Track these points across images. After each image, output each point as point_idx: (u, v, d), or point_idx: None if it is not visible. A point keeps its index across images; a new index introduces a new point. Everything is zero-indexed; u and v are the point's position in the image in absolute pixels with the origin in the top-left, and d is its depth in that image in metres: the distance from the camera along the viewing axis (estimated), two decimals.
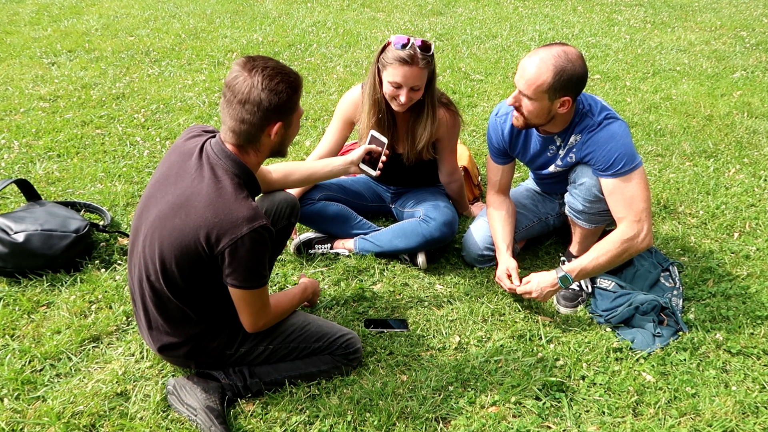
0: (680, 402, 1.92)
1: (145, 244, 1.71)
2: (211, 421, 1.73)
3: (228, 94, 1.60)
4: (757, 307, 2.33)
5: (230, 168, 1.66)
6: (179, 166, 1.70)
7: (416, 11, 6.97)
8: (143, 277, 1.74)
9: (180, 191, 1.65)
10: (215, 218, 1.59)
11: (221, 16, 6.43)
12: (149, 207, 1.73)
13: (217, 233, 1.59)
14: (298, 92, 1.66)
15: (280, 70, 1.61)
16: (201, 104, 4.13)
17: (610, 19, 6.81)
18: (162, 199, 1.69)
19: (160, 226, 1.67)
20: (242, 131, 1.63)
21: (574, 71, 2.00)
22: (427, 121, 2.41)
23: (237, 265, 1.62)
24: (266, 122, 1.63)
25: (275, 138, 1.67)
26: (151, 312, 1.78)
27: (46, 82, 4.44)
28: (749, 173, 3.39)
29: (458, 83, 4.69)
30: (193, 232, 1.61)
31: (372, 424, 1.81)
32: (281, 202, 2.08)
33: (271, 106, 1.59)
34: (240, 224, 1.58)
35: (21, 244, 2.30)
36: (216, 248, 1.60)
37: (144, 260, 1.73)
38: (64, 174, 3.16)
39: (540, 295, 2.20)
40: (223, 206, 1.60)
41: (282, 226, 2.08)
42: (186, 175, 1.67)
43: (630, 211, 2.10)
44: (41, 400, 1.86)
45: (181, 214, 1.63)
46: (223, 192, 1.62)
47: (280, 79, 1.59)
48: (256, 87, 1.57)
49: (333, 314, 2.27)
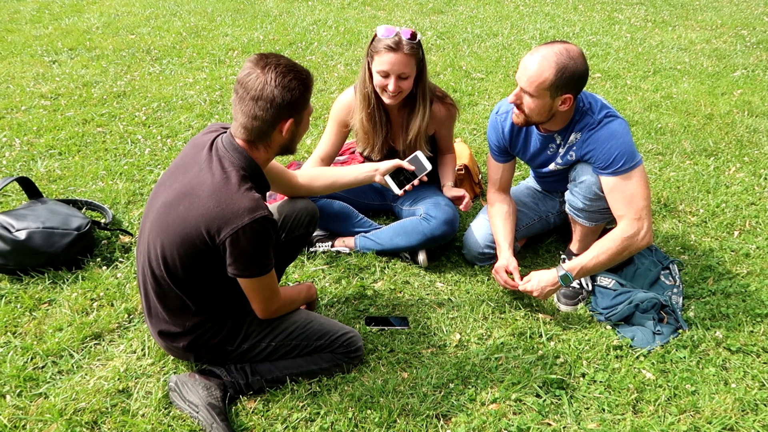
0: (680, 399, 1.93)
1: (151, 230, 1.74)
2: (212, 418, 1.74)
3: (240, 90, 1.62)
4: (756, 305, 2.34)
5: (237, 161, 1.67)
6: (191, 158, 1.72)
7: (417, 9, 6.97)
8: (146, 263, 1.77)
9: (187, 180, 1.68)
10: (217, 208, 1.60)
11: (222, 15, 6.43)
12: (158, 194, 1.76)
13: (219, 223, 1.60)
14: (310, 89, 1.68)
15: (292, 67, 1.63)
16: (202, 102, 4.13)
17: (610, 18, 6.81)
18: (170, 187, 1.71)
19: (164, 213, 1.69)
20: (254, 127, 1.65)
21: (576, 69, 2.00)
22: (419, 115, 2.43)
23: (239, 254, 1.63)
24: (278, 119, 1.64)
25: (286, 135, 1.69)
26: (152, 299, 1.81)
27: (48, 80, 4.44)
28: (749, 172, 3.40)
29: (459, 82, 4.69)
30: (195, 221, 1.62)
31: (373, 421, 1.81)
32: (302, 210, 2.08)
33: (284, 102, 1.61)
34: (241, 214, 1.59)
35: (23, 242, 2.30)
36: (217, 238, 1.62)
37: (148, 247, 1.75)
38: (66, 172, 3.17)
39: (540, 293, 2.20)
40: (225, 196, 1.61)
41: (299, 234, 2.09)
42: (194, 166, 1.69)
43: (630, 209, 2.11)
44: (43, 396, 1.87)
45: (185, 203, 1.65)
46: (227, 183, 1.63)
47: (293, 76, 1.61)
48: (269, 84, 1.59)
49: (334, 312, 2.27)
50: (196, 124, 3.81)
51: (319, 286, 2.40)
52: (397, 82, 2.30)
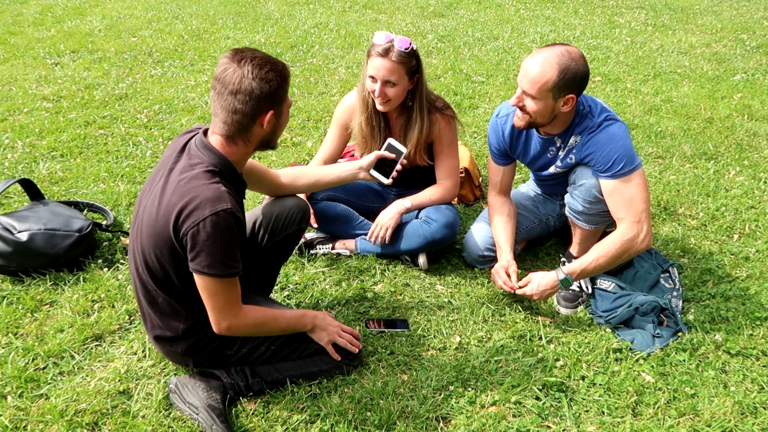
0: (679, 402, 1.93)
1: (135, 237, 1.75)
2: (212, 420, 1.74)
3: (218, 86, 1.61)
4: (756, 308, 2.34)
5: (206, 158, 1.66)
6: (167, 161, 1.72)
7: (418, 13, 6.99)
8: (134, 270, 1.78)
9: (162, 183, 1.68)
10: (180, 201, 1.59)
11: (224, 18, 6.45)
12: (141, 201, 1.77)
13: (183, 217, 1.58)
14: (287, 81, 1.67)
15: (267, 59, 1.62)
16: (203, 105, 4.14)
17: (611, 22, 6.82)
18: (149, 192, 1.72)
19: (144, 218, 1.70)
20: (234, 121, 1.63)
21: (578, 69, 2.01)
22: (416, 125, 2.43)
23: (199, 248, 1.59)
24: (258, 111, 1.63)
25: (267, 127, 1.67)
26: (144, 304, 1.82)
27: (50, 82, 4.45)
28: (749, 175, 3.40)
29: (459, 85, 4.70)
30: (164, 219, 1.62)
31: (373, 423, 1.82)
32: (293, 207, 2.08)
33: (263, 94, 1.60)
34: (203, 206, 1.57)
35: (24, 243, 2.31)
36: (180, 232, 1.60)
37: (134, 253, 1.76)
38: (68, 174, 3.18)
39: (540, 297, 2.21)
40: (188, 190, 1.60)
41: (292, 231, 2.09)
42: (167, 169, 1.69)
43: (629, 212, 2.11)
44: (44, 398, 1.87)
45: (156, 204, 1.65)
46: (192, 179, 1.62)
47: (269, 68, 1.61)
48: (246, 76, 1.58)
49: (334, 314, 2.28)
50: None
51: (320, 288, 2.41)
52: (383, 87, 2.31)
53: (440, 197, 2.56)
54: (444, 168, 2.56)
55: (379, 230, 2.51)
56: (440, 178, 2.58)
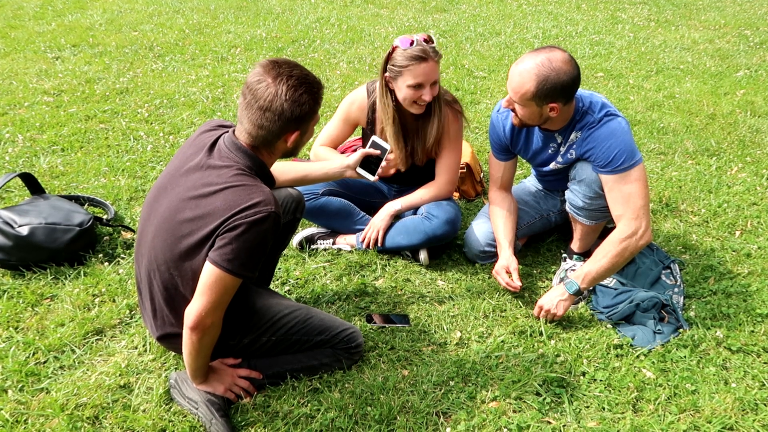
0: (680, 398, 1.93)
1: (156, 234, 1.71)
2: (212, 414, 1.75)
3: (249, 96, 1.58)
4: (757, 305, 2.34)
5: (241, 160, 1.65)
6: (191, 159, 1.70)
7: (420, 8, 6.97)
8: (153, 267, 1.73)
9: (191, 183, 1.65)
10: (224, 205, 1.57)
11: (225, 12, 6.44)
12: (160, 198, 1.73)
13: (238, 211, 1.55)
14: (319, 103, 1.65)
15: (304, 79, 1.59)
16: (204, 99, 4.14)
17: (614, 17, 6.80)
18: (173, 191, 1.69)
19: (170, 218, 1.66)
20: (258, 135, 1.63)
21: (558, 79, 2.00)
22: (435, 118, 2.42)
23: (228, 241, 1.56)
24: (284, 131, 1.62)
25: (291, 144, 1.67)
26: (158, 302, 1.78)
27: (50, 76, 4.45)
28: (751, 172, 3.39)
29: (461, 80, 4.69)
30: (203, 222, 1.60)
31: (373, 418, 1.82)
32: (286, 197, 2.09)
33: (293, 117, 1.58)
34: (251, 207, 1.55)
35: (25, 237, 2.31)
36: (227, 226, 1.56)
37: (154, 250, 1.72)
38: (68, 168, 3.18)
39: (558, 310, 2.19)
40: (231, 195, 1.58)
41: (287, 221, 2.09)
42: (197, 168, 1.67)
43: (628, 208, 2.11)
44: (45, 391, 1.88)
45: (191, 206, 1.63)
46: (232, 182, 1.60)
47: (304, 89, 1.58)
48: (279, 96, 1.55)
49: (335, 309, 2.28)
50: (198, 121, 3.81)
51: (320, 283, 2.41)
52: (431, 89, 2.29)
53: (432, 197, 2.56)
54: (444, 163, 2.56)
55: (372, 233, 2.53)
56: (438, 172, 2.58)
